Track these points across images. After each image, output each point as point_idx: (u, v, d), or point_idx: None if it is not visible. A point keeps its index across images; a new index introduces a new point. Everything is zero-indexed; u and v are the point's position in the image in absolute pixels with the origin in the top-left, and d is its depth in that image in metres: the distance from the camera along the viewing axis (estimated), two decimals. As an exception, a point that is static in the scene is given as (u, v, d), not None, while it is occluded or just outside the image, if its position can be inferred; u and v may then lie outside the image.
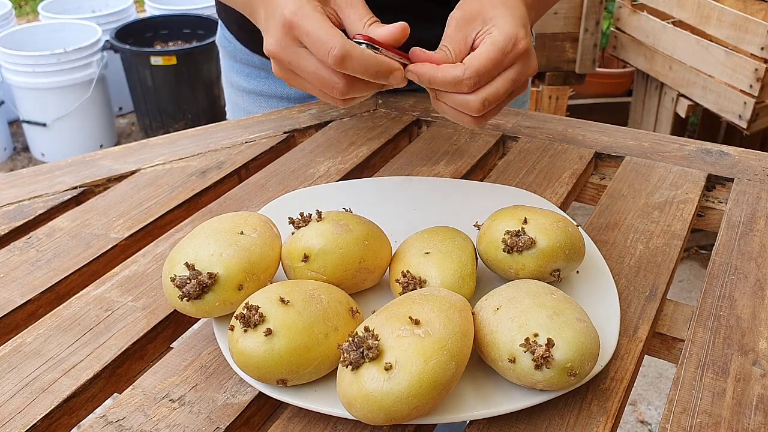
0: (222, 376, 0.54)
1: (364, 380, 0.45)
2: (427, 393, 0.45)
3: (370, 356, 0.45)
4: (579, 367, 0.47)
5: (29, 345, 0.57)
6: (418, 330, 0.45)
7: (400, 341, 0.45)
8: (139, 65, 2.86)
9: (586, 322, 0.49)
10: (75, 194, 0.77)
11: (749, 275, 0.64)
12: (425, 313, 0.47)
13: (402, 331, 0.45)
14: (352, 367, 0.45)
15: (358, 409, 0.45)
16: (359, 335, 0.46)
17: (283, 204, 0.70)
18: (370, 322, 0.48)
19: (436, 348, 0.45)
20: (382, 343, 0.45)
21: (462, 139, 0.86)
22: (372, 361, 0.45)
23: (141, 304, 0.61)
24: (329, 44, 0.56)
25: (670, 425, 0.50)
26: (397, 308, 0.48)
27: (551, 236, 0.56)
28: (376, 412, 0.45)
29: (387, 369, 0.44)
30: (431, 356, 0.45)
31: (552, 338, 0.47)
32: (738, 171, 0.79)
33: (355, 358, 0.45)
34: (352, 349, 0.46)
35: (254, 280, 0.54)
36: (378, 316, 0.48)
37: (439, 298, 0.49)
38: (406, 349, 0.45)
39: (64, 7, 3.24)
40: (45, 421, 0.51)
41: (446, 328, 0.46)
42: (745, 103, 1.93)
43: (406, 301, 0.49)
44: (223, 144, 0.86)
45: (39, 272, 0.65)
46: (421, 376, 0.44)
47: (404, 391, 0.44)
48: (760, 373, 0.54)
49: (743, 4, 2.00)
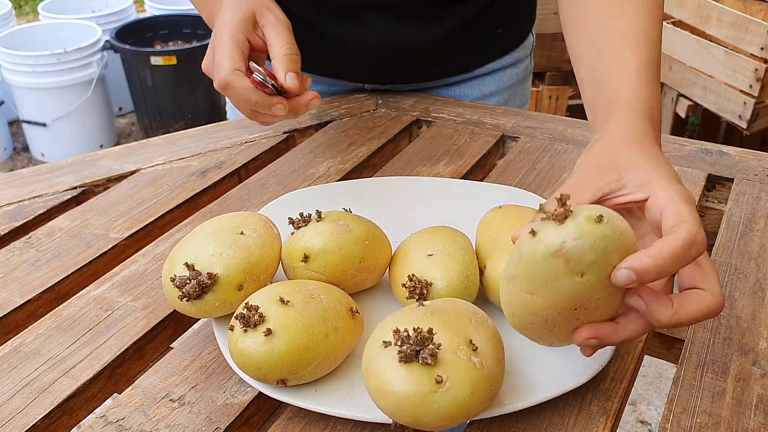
0: (222, 376, 0.54)
1: (409, 379, 0.44)
2: (460, 419, 0.45)
3: (427, 361, 0.44)
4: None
5: (29, 345, 0.57)
6: (475, 358, 0.45)
7: (457, 360, 0.45)
8: (139, 65, 2.86)
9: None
10: (75, 194, 0.77)
11: (749, 275, 0.64)
12: (481, 341, 0.47)
13: (460, 351, 0.45)
14: (402, 358, 0.44)
15: (390, 403, 0.45)
16: (424, 335, 0.45)
17: (283, 204, 0.70)
18: (427, 320, 0.46)
19: (485, 384, 0.45)
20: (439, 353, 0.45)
21: (462, 139, 0.86)
22: (425, 365, 0.44)
23: (141, 304, 0.61)
24: (217, 70, 0.66)
25: (670, 425, 0.50)
26: (454, 321, 0.47)
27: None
28: (405, 413, 0.44)
29: (438, 382, 0.44)
30: (478, 389, 0.45)
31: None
32: (738, 171, 0.79)
33: (410, 353, 0.44)
34: (411, 342, 0.45)
35: (254, 280, 0.54)
36: (434, 317, 0.47)
37: (491, 329, 0.49)
38: (460, 373, 0.44)
39: (64, 7, 3.23)
40: (45, 421, 0.51)
41: (496, 366, 0.46)
42: (744, 103, 1.93)
43: (462, 317, 0.48)
44: (223, 144, 0.86)
45: (39, 272, 0.65)
46: (463, 403, 0.44)
47: (443, 409, 0.44)
48: (759, 373, 0.54)
49: (743, 4, 2.00)
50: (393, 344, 0.45)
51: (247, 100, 0.66)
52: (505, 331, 0.56)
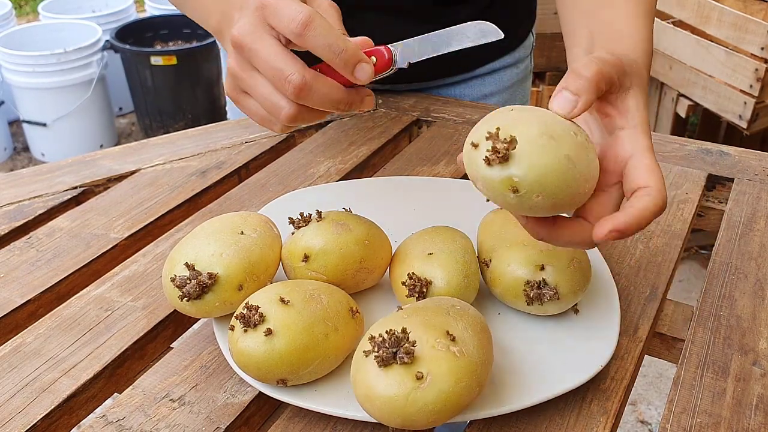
0: (222, 376, 0.54)
1: (390, 382, 0.44)
2: (450, 412, 0.45)
3: (404, 360, 0.44)
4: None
5: (29, 345, 0.57)
6: (454, 347, 0.45)
7: (435, 353, 0.45)
8: (139, 65, 2.86)
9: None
10: (75, 194, 0.77)
11: (749, 275, 0.64)
12: (460, 330, 0.47)
13: (437, 344, 0.45)
14: (380, 363, 0.44)
15: (377, 408, 0.45)
16: (397, 336, 0.45)
17: (283, 204, 0.70)
18: (403, 322, 0.47)
19: (468, 371, 0.45)
20: (415, 350, 0.45)
21: (462, 139, 0.86)
22: (403, 365, 0.44)
23: (141, 304, 0.61)
24: (285, 74, 0.52)
25: (670, 425, 0.50)
26: (431, 316, 0.47)
27: (572, 282, 0.54)
28: (394, 415, 0.44)
29: (418, 378, 0.44)
30: (462, 378, 0.45)
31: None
32: (738, 171, 0.79)
33: (387, 356, 0.44)
34: (386, 346, 0.45)
35: (254, 280, 0.54)
36: (410, 318, 0.47)
37: (471, 317, 0.49)
38: (440, 365, 0.44)
39: (64, 7, 3.24)
40: (45, 421, 0.51)
41: (478, 351, 0.46)
42: (745, 103, 1.92)
43: (440, 311, 0.48)
44: (223, 144, 0.86)
45: (39, 272, 0.65)
46: (448, 395, 0.44)
47: (429, 404, 0.44)
48: (760, 373, 0.54)
49: (743, 4, 2.00)
50: (371, 351, 0.45)
51: (334, 98, 0.54)
52: (505, 331, 0.56)
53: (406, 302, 0.55)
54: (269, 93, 0.54)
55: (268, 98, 0.54)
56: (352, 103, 0.55)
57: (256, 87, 0.54)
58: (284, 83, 0.52)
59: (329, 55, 0.51)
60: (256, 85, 0.54)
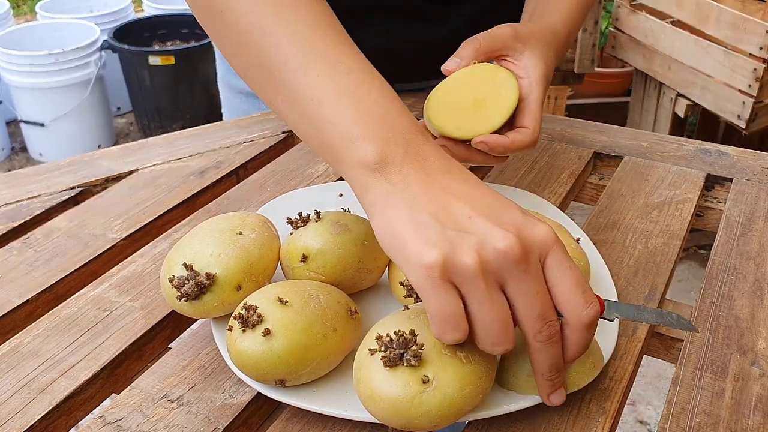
0: (220, 377, 0.54)
1: (396, 383, 0.44)
2: (452, 417, 0.45)
3: (411, 363, 0.44)
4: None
5: (27, 345, 0.57)
6: (461, 353, 0.45)
7: (442, 358, 0.45)
8: (138, 65, 2.86)
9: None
10: (73, 194, 0.77)
11: (748, 275, 0.64)
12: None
13: (445, 349, 0.45)
14: (386, 363, 0.44)
15: (380, 408, 0.45)
16: (405, 337, 0.45)
17: (282, 204, 0.70)
18: (410, 323, 0.47)
19: (474, 378, 0.45)
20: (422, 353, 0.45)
21: (461, 138, 0.86)
22: (409, 367, 0.44)
23: (139, 305, 0.61)
24: (538, 231, 0.43)
25: (669, 425, 0.50)
26: None
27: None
28: (397, 416, 0.44)
29: (424, 381, 0.44)
30: (467, 384, 0.45)
31: None
32: (737, 171, 0.79)
33: (394, 357, 0.44)
34: (394, 346, 0.45)
35: (253, 280, 0.54)
36: (417, 319, 0.47)
37: None
38: (446, 369, 0.44)
39: (62, 6, 3.23)
40: (43, 421, 0.51)
41: (483, 358, 0.46)
42: (743, 103, 1.93)
43: None
44: (222, 144, 0.86)
45: (37, 272, 0.65)
46: (452, 400, 0.44)
47: (433, 408, 0.44)
48: (758, 372, 0.54)
49: (742, 4, 2.00)
50: (378, 350, 0.45)
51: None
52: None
53: (405, 302, 0.55)
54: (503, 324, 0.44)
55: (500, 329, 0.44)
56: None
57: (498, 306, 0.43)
58: (543, 324, 0.44)
59: (544, 369, 0.46)
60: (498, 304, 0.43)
